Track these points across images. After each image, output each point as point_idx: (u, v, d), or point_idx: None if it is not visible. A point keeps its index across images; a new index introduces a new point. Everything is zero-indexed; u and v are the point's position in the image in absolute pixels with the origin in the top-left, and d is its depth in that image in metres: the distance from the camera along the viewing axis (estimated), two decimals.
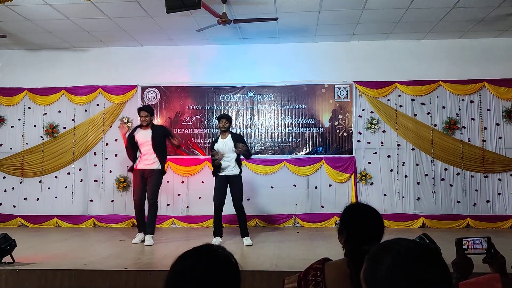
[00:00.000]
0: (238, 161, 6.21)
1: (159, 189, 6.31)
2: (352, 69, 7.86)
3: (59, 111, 8.18)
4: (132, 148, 6.31)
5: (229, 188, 6.13)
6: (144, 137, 6.24)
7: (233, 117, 7.88)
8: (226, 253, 1.33)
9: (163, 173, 6.33)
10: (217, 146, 6.20)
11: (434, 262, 1.13)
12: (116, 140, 7.92)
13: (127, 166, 6.82)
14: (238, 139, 6.22)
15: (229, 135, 6.22)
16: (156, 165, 6.22)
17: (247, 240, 5.99)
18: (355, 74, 7.84)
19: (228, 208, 6.26)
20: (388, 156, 7.74)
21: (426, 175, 7.66)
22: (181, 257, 1.30)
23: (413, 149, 7.71)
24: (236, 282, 1.29)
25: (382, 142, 7.77)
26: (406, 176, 7.68)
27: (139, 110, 6.37)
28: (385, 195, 7.68)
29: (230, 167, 6.11)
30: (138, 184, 6.24)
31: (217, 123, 6.62)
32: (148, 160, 6.21)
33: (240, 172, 6.19)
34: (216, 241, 5.93)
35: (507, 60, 7.69)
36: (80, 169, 8.08)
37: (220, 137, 6.25)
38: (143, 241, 6.11)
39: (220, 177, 6.13)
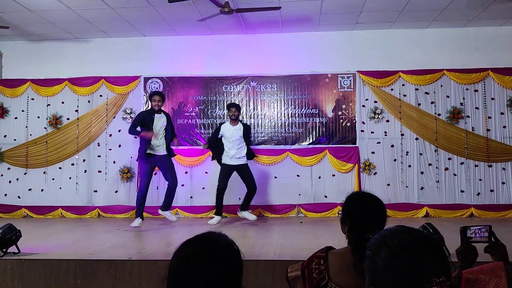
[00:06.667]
0: (249, 152, 6.73)
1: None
2: (356, 58, 7.82)
3: (63, 102, 8.19)
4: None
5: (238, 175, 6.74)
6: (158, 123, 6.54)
7: None
8: (228, 240, 1.33)
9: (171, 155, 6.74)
10: (224, 130, 6.68)
11: (430, 251, 1.13)
12: (119, 131, 7.95)
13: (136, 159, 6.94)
14: (246, 131, 6.74)
15: (240, 124, 6.72)
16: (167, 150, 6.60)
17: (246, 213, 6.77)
18: (358, 63, 7.80)
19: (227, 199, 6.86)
20: (392, 146, 7.72)
21: (430, 164, 7.64)
22: (184, 244, 1.31)
23: (416, 139, 7.68)
24: (238, 269, 1.30)
25: (385, 132, 7.74)
26: (409, 166, 7.66)
27: (152, 93, 6.62)
28: (388, 184, 7.66)
29: (240, 156, 6.62)
30: (149, 172, 6.55)
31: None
32: (161, 146, 6.55)
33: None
34: (216, 220, 6.64)
35: None
36: (84, 160, 8.10)
37: (229, 123, 6.73)
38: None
39: (226, 166, 6.65)
